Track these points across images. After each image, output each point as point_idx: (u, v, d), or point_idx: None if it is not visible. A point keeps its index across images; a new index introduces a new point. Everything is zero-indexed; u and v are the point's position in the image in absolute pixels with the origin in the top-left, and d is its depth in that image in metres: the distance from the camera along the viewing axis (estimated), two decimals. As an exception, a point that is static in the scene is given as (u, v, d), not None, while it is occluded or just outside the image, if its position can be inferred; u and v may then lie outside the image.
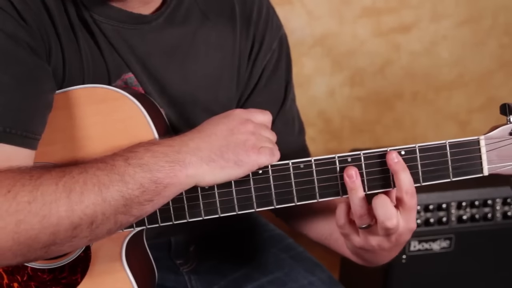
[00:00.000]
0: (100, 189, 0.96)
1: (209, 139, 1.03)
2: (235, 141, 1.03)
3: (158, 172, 0.99)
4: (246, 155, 1.03)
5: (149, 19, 1.18)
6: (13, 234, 0.93)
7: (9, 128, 0.99)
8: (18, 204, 0.93)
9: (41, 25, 1.08)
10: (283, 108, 1.34)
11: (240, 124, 1.05)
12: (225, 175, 1.03)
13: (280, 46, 1.33)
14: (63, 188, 0.95)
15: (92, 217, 0.96)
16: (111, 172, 0.97)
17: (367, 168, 1.06)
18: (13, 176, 0.95)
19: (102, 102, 1.10)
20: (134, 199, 0.98)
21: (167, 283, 1.30)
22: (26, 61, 1.04)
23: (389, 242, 1.08)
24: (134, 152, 1.00)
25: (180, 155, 1.00)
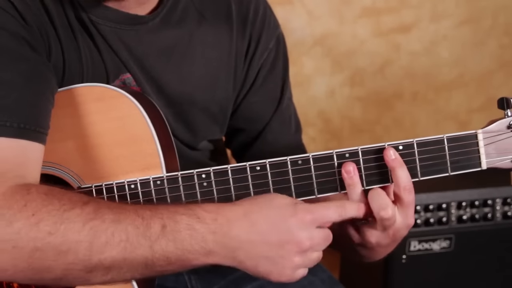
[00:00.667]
0: (126, 247, 0.94)
1: (254, 243, 0.97)
2: (277, 260, 0.98)
3: (190, 254, 0.96)
4: (276, 277, 0.99)
5: (145, 20, 1.18)
6: (27, 258, 0.92)
7: (23, 123, 0.99)
8: (39, 231, 0.92)
9: (41, 26, 1.09)
10: (279, 107, 1.34)
11: (295, 243, 0.98)
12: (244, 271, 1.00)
13: (277, 45, 1.33)
14: (88, 232, 0.93)
15: (109, 269, 0.95)
16: (143, 234, 0.94)
17: (365, 163, 1.06)
18: (43, 200, 0.94)
19: (100, 100, 1.10)
20: (156, 267, 0.96)
21: (167, 283, 1.30)
22: (31, 58, 1.04)
23: (387, 237, 1.08)
24: (175, 222, 0.96)
25: (219, 246, 0.97)
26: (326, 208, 1.01)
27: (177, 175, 1.08)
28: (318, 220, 1.00)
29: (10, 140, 0.97)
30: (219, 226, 0.97)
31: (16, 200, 0.93)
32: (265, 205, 1.00)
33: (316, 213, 1.00)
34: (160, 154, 1.09)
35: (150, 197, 1.08)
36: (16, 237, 0.91)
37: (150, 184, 1.08)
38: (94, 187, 1.09)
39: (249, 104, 1.32)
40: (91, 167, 1.10)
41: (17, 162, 0.98)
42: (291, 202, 1.01)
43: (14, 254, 0.92)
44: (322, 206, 1.01)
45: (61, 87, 1.11)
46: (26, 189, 0.95)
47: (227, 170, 1.07)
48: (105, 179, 1.09)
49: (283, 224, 0.98)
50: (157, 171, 1.09)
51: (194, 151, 1.30)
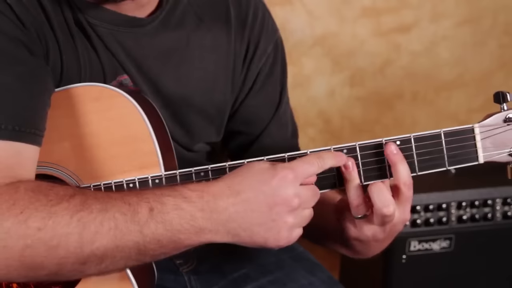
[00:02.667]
0: (116, 235, 0.94)
1: (243, 212, 0.97)
2: (270, 224, 0.98)
3: (181, 234, 0.96)
4: (274, 244, 0.99)
5: (144, 23, 1.18)
6: (19, 256, 0.92)
7: (18, 126, 0.99)
8: (28, 228, 0.92)
9: (39, 27, 1.09)
10: (277, 111, 1.34)
11: (284, 203, 0.98)
12: (241, 245, 1.00)
13: (275, 50, 1.33)
14: (77, 223, 0.93)
15: (102, 258, 0.95)
16: (131, 219, 0.94)
17: (363, 159, 1.06)
18: (30, 197, 0.94)
19: (98, 100, 1.10)
20: (149, 251, 0.96)
21: (166, 283, 1.30)
22: (27, 61, 1.04)
23: (384, 232, 1.08)
24: (161, 204, 0.96)
25: (208, 222, 0.97)
26: (305, 162, 1.01)
27: (176, 174, 1.08)
28: (300, 175, 1.00)
29: (4, 142, 0.98)
30: (205, 203, 0.97)
31: (4, 200, 0.93)
32: (246, 173, 1.00)
33: (296, 169, 1.00)
34: (158, 153, 1.09)
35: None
36: (6, 236, 0.92)
37: (148, 183, 1.08)
38: (93, 186, 1.09)
39: (247, 108, 1.33)
40: (89, 167, 1.10)
41: (9, 164, 0.98)
42: (270, 165, 1.01)
43: (5, 254, 0.92)
44: (301, 161, 1.01)
45: (58, 87, 1.11)
46: (14, 188, 0.95)
47: (225, 168, 1.08)
48: (103, 179, 1.09)
49: (267, 187, 0.98)
50: (155, 170, 1.09)
51: (190, 153, 1.30)
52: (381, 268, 1.87)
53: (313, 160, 1.02)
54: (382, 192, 1.04)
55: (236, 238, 0.99)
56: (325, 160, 1.03)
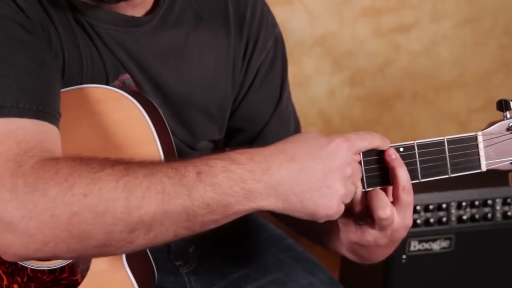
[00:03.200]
0: (163, 199, 0.90)
1: (297, 176, 0.95)
2: (323, 191, 0.96)
3: (230, 197, 0.93)
4: (325, 212, 0.97)
5: (142, 22, 1.18)
6: (67, 225, 0.89)
7: (42, 107, 0.98)
8: (74, 195, 0.89)
9: (44, 24, 1.09)
10: (279, 107, 1.34)
11: (337, 169, 0.96)
12: (293, 215, 0.98)
13: (275, 45, 1.33)
14: (123, 188, 0.90)
15: (150, 225, 0.91)
16: (179, 183, 0.91)
17: (366, 165, 1.06)
18: (73, 165, 0.91)
19: (101, 102, 1.09)
20: (198, 217, 0.92)
21: (166, 284, 1.30)
22: (39, 46, 1.05)
23: (385, 237, 1.08)
24: (209, 167, 0.93)
25: (259, 185, 0.93)
26: (358, 135, 1.01)
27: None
28: (353, 146, 0.99)
29: (31, 121, 0.96)
30: (256, 164, 0.94)
31: (46, 170, 0.90)
32: (299, 140, 0.98)
33: (351, 139, 1.00)
34: (161, 155, 1.09)
35: None
36: (52, 205, 0.88)
37: None
38: None
39: (248, 104, 1.32)
40: None
41: (41, 139, 0.96)
42: (322, 134, 1.00)
43: (53, 223, 0.89)
44: (355, 134, 1.01)
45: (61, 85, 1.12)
46: (54, 159, 0.93)
47: None
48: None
49: (323, 151, 0.96)
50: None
51: (194, 151, 1.30)
52: (381, 268, 1.87)
53: (365, 135, 1.02)
54: (379, 195, 1.04)
55: (287, 204, 0.95)
56: (374, 138, 1.03)
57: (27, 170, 0.90)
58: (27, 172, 0.90)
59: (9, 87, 0.97)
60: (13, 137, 0.94)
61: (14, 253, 0.91)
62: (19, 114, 0.95)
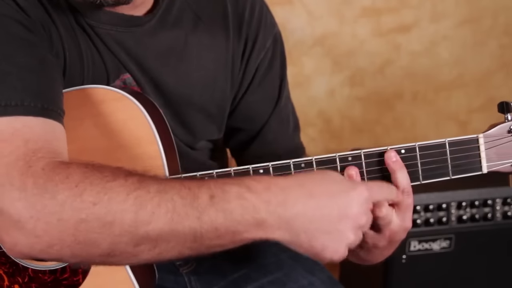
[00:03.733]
0: (173, 218, 0.89)
1: (312, 213, 0.93)
2: (334, 235, 0.94)
3: (240, 225, 0.91)
4: (330, 255, 0.96)
5: (141, 22, 1.18)
6: (73, 231, 0.89)
7: (47, 104, 0.98)
8: (83, 202, 0.88)
9: (45, 24, 1.10)
10: (278, 106, 1.34)
11: (355, 217, 0.95)
12: (294, 248, 0.96)
13: (274, 44, 1.33)
14: (133, 201, 0.89)
15: (156, 242, 0.90)
16: (190, 204, 0.90)
17: (368, 167, 1.06)
18: (85, 171, 0.91)
19: (103, 103, 1.09)
20: (205, 240, 0.91)
21: (166, 283, 1.30)
22: (40, 45, 1.05)
23: (384, 239, 1.08)
24: (223, 192, 0.91)
25: (272, 216, 0.91)
26: (379, 187, 1.01)
27: (180, 177, 1.07)
28: (373, 197, 0.99)
29: (37, 119, 0.96)
30: (272, 195, 0.92)
31: (57, 173, 0.90)
32: (321, 178, 0.97)
33: (372, 190, 0.99)
34: (162, 156, 1.08)
35: None
36: (61, 209, 0.88)
37: None
38: None
39: (247, 104, 1.32)
40: None
41: (48, 139, 0.96)
42: (345, 178, 1.00)
43: (59, 227, 0.88)
44: (376, 185, 1.01)
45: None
46: (66, 163, 0.92)
47: (230, 173, 1.07)
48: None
49: (345, 198, 0.95)
50: (159, 173, 1.08)
51: (193, 151, 1.30)
52: (381, 268, 1.87)
53: (385, 188, 1.02)
54: None
55: (295, 239, 0.94)
56: (392, 191, 1.03)
57: (37, 171, 0.90)
58: (37, 173, 0.90)
59: (13, 86, 0.96)
60: (20, 136, 0.93)
61: (20, 251, 0.91)
62: (24, 112, 0.95)
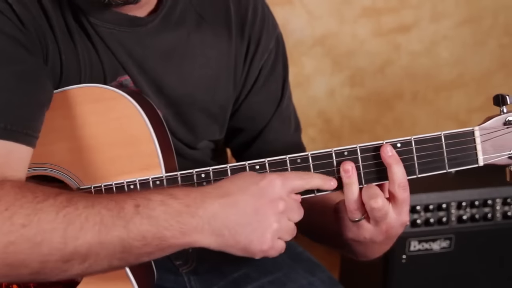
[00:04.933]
0: (100, 229, 0.92)
1: (229, 209, 0.97)
2: (255, 225, 0.98)
3: (166, 230, 0.95)
4: (258, 247, 0.98)
5: (144, 22, 1.18)
6: (1, 254, 0.91)
7: (10, 124, 0.98)
8: (12, 225, 0.90)
9: (39, 28, 1.09)
10: (280, 107, 1.34)
11: (269, 204, 0.99)
12: (230, 252, 1.00)
13: (277, 46, 1.33)
14: (62, 219, 0.92)
15: (85, 256, 0.93)
16: (117, 215, 0.93)
17: (364, 161, 1.06)
18: (16, 193, 0.93)
19: (99, 102, 1.10)
20: (133, 249, 0.95)
21: (166, 283, 1.30)
22: (25, 60, 1.04)
23: (381, 233, 1.08)
24: (147, 200, 0.96)
25: (193, 219, 0.96)
26: (293, 174, 1.04)
27: (177, 175, 1.08)
28: (287, 183, 1.01)
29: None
30: (192, 200, 0.97)
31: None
32: (235, 178, 1.01)
33: (284, 176, 1.02)
34: (159, 154, 1.09)
35: None
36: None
37: (149, 184, 1.08)
38: (93, 188, 1.09)
39: (250, 104, 1.32)
40: (90, 168, 1.09)
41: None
42: (259, 173, 1.03)
43: None
44: (290, 172, 1.04)
45: (58, 88, 1.11)
46: (0, 185, 0.94)
47: (226, 170, 1.07)
48: (104, 180, 1.09)
49: (255, 187, 0.99)
50: (156, 171, 1.09)
51: (194, 150, 1.30)
52: (381, 268, 1.87)
53: (301, 175, 1.04)
54: (371, 187, 1.06)
55: (220, 239, 0.98)
56: (312, 178, 1.05)
57: None
58: None
59: None
60: None
61: None
62: None
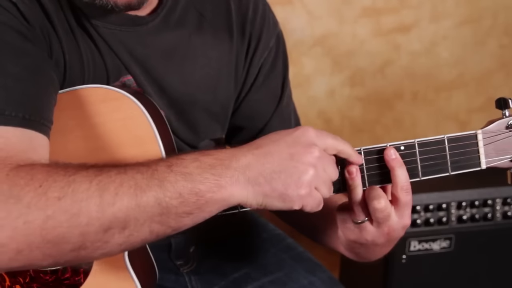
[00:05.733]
0: (136, 192, 0.91)
1: (263, 158, 0.96)
2: (291, 170, 0.96)
3: (201, 184, 0.93)
4: (296, 192, 0.96)
5: (145, 21, 1.18)
6: (40, 230, 0.88)
7: (28, 114, 0.98)
8: (48, 199, 0.88)
9: (43, 27, 1.09)
10: (280, 105, 1.34)
11: (304, 150, 0.97)
12: (267, 203, 0.97)
13: (277, 44, 1.33)
14: (96, 187, 0.90)
15: (124, 222, 0.91)
16: (151, 176, 0.92)
17: (367, 163, 1.07)
18: (48, 170, 0.91)
19: (103, 102, 1.10)
20: (171, 209, 0.93)
21: (167, 283, 1.30)
22: (33, 54, 1.04)
23: (383, 236, 1.09)
24: (180, 159, 0.95)
25: (228, 170, 0.94)
26: (327, 132, 1.01)
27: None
28: (320, 136, 1.00)
29: (16, 129, 0.96)
30: (225, 154, 0.96)
31: (21, 177, 0.90)
32: (269, 134, 1.01)
33: (319, 130, 1.00)
34: (163, 154, 1.09)
35: None
36: (27, 211, 0.88)
37: None
38: None
39: (250, 103, 1.33)
40: None
41: (23, 149, 0.96)
42: None
43: (26, 230, 0.88)
44: (326, 132, 1.01)
45: (62, 88, 1.11)
46: (30, 165, 0.93)
47: None
48: (108, 180, 1.09)
49: (289, 137, 0.98)
50: None
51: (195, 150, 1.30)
52: (381, 268, 1.88)
53: (336, 136, 1.02)
54: (374, 188, 1.06)
55: (257, 188, 0.95)
56: (345, 143, 1.03)
57: (1, 178, 0.89)
58: (1, 179, 0.89)
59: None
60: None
61: None
62: (4, 122, 0.95)
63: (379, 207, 1.05)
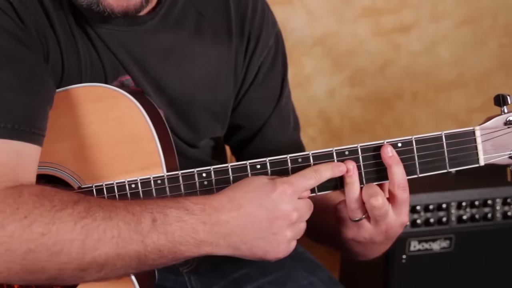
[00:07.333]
0: (118, 243, 0.95)
1: (244, 226, 0.99)
2: (270, 238, 1.00)
3: (182, 245, 0.98)
4: (274, 255, 1.02)
5: (144, 20, 1.18)
6: (21, 260, 0.93)
7: (18, 124, 0.99)
8: (32, 233, 0.93)
9: (40, 28, 1.09)
10: (279, 104, 1.34)
11: (284, 217, 1.01)
12: (242, 257, 1.02)
13: (276, 43, 1.33)
14: (80, 230, 0.94)
15: (102, 266, 0.96)
16: (134, 229, 0.96)
17: (364, 161, 1.07)
18: (34, 201, 0.94)
19: (100, 101, 1.10)
20: (148, 261, 0.98)
21: (166, 283, 1.30)
22: (27, 59, 1.04)
23: (380, 233, 1.09)
24: (164, 215, 0.98)
25: (210, 235, 0.99)
26: (302, 177, 1.03)
27: (178, 174, 1.08)
28: (298, 190, 1.02)
29: (4, 141, 0.98)
30: (207, 216, 0.99)
31: (8, 204, 0.93)
32: (247, 188, 1.02)
33: (295, 184, 1.02)
34: (160, 153, 1.09)
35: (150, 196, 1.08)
36: (9, 240, 0.92)
37: (151, 184, 1.08)
38: (95, 187, 1.09)
39: (249, 102, 1.33)
40: (91, 167, 1.10)
41: (10, 166, 0.98)
42: (269, 180, 1.03)
43: (7, 257, 0.93)
44: (299, 176, 1.04)
45: (59, 87, 1.11)
46: (18, 192, 0.95)
47: (227, 169, 1.08)
48: (106, 179, 1.09)
49: (268, 201, 1.00)
50: (157, 170, 1.09)
51: (194, 149, 1.30)
52: (381, 268, 1.87)
53: (311, 174, 1.04)
54: (371, 186, 1.06)
55: (237, 251, 1.01)
56: (322, 173, 1.05)
57: None
58: None
59: None
60: None
61: None
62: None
63: (377, 205, 1.05)
